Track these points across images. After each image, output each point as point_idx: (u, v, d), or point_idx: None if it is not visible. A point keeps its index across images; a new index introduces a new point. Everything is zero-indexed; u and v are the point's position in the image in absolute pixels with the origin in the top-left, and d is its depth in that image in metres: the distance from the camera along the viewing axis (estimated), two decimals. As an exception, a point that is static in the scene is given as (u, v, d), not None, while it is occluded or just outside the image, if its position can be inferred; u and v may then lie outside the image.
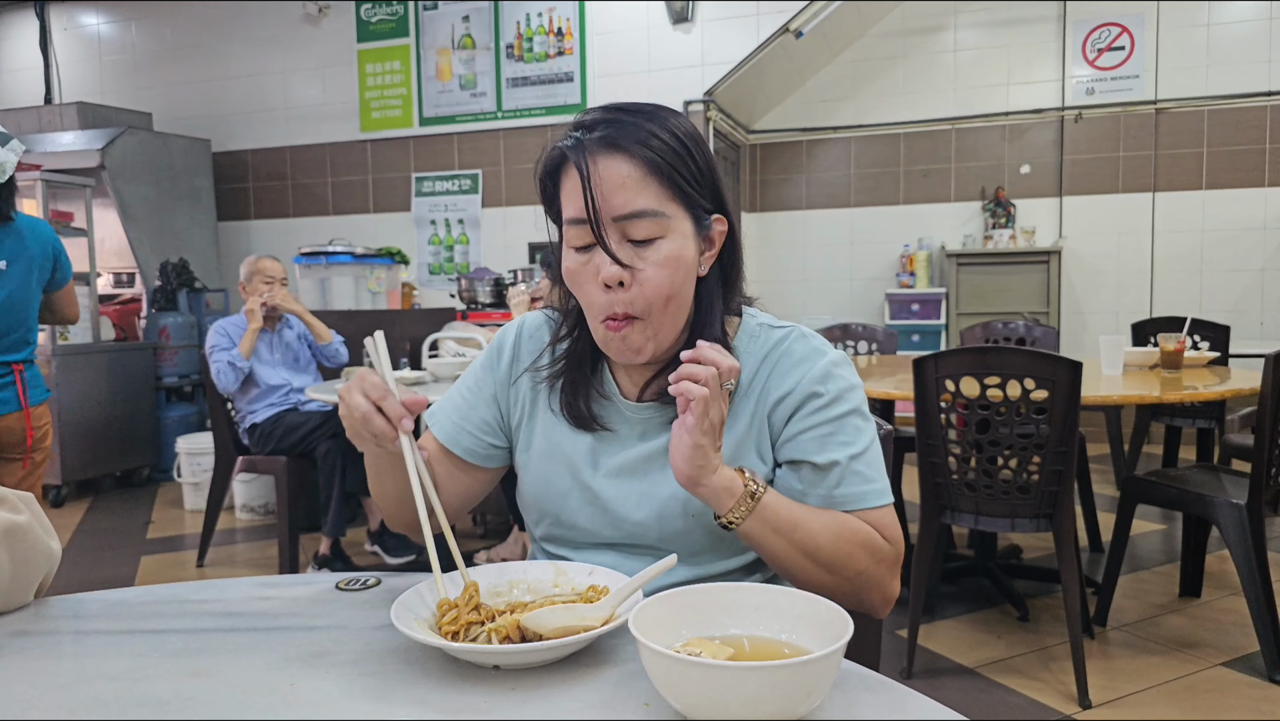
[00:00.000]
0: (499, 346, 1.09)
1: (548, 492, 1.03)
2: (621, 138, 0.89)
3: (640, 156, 0.89)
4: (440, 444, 1.07)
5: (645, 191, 0.89)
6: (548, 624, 0.76)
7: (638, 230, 0.90)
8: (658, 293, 0.91)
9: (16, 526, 0.88)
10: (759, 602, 0.74)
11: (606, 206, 0.89)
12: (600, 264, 0.90)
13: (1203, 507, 2.38)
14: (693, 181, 0.92)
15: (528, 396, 1.06)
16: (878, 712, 0.67)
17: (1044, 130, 5.57)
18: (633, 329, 0.92)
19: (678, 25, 5.25)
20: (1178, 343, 2.86)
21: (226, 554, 3.68)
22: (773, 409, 0.97)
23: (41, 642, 0.83)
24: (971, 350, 2.26)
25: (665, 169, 0.89)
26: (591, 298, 0.93)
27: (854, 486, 0.94)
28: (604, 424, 1.01)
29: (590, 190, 0.88)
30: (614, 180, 0.89)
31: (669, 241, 0.91)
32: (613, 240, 0.90)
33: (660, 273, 0.90)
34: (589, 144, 0.90)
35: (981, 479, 2.27)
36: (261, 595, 0.95)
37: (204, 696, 0.71)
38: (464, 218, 5.80)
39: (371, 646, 0.80)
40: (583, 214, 0.89)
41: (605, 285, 0.90)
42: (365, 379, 0.88)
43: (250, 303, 3.44)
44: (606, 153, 0.89)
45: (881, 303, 5.76)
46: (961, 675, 2.36)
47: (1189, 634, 2.57)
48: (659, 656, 0.63)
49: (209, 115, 6.20)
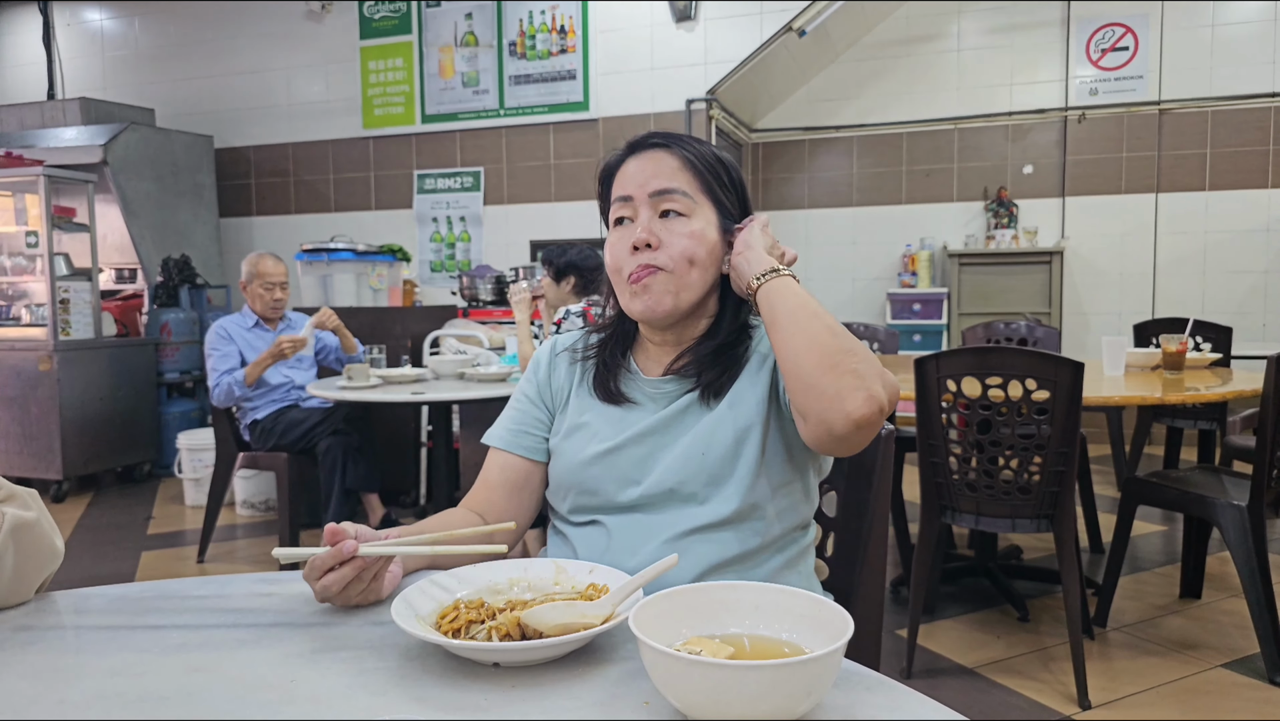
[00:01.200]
0: (538, 359, 1.22)
1: (574, 463, 1.10)
2: (668, 141, 1.08)
3: (679, 153, 1.07)
4: (500, 465, 1.15)
5: (680, 176, 1.06)
6: (548, 620, 0.76)
7: (668, 204, 1.05)
8: (681, 253, 1.04)
9: (25, 522, 0.88)
10: (759, 602, 0.75)
11: (647, 184, 1.06)
12: (634, 230, 1.05)
13: (1204, 509, 2.38)
14: (723, 187, 1.08)
15: (565, 383, 1.17)
16: (878, 712, 0.67)
17: (1047, 130, 5.56)
18: (656, 278, 1.04)
19: (680, 23, 5.24)
20: (1180, 344, 2.85)
21: (227, 550, 3.68)
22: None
23: (43, 637, 0.83)
24: (973, 350, 2.26)
25: (700, 167, 1.07)
26: (622, 263, 1.06)
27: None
28: (628, 396, 1.11)
29: (634, 173, 1.07)
30: (655, 166, 1.06)
31: (694, 220, 1.05)
32: (646, 212, 1.05)
33: (683, 239, 1.04)
34: (641, 144, 1.10)
35: (982, 479, 2.27)
36: (262, 591, 0.95)
37: (205, 692, 0.71)
38: (466, 215, 5.80)
39: (372, 643, 0.80)
40: (625, 190, 1.07)
41: (634, 247, 1.04)
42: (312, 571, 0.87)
43: (283, 346, 3.35)
44: (654, 149, 1.09)
45: (883, 302, 5.75)
46: (961, 675, 2.35)
47: (1189, 635, 2.57)
48: (659, 655, 0.63)
49: (212, 111, 6.20)
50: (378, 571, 0.88)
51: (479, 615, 0.80)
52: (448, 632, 0.78)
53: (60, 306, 4.55)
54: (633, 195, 1.06)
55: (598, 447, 1.09)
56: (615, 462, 1.07)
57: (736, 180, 1.10)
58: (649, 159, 1.07)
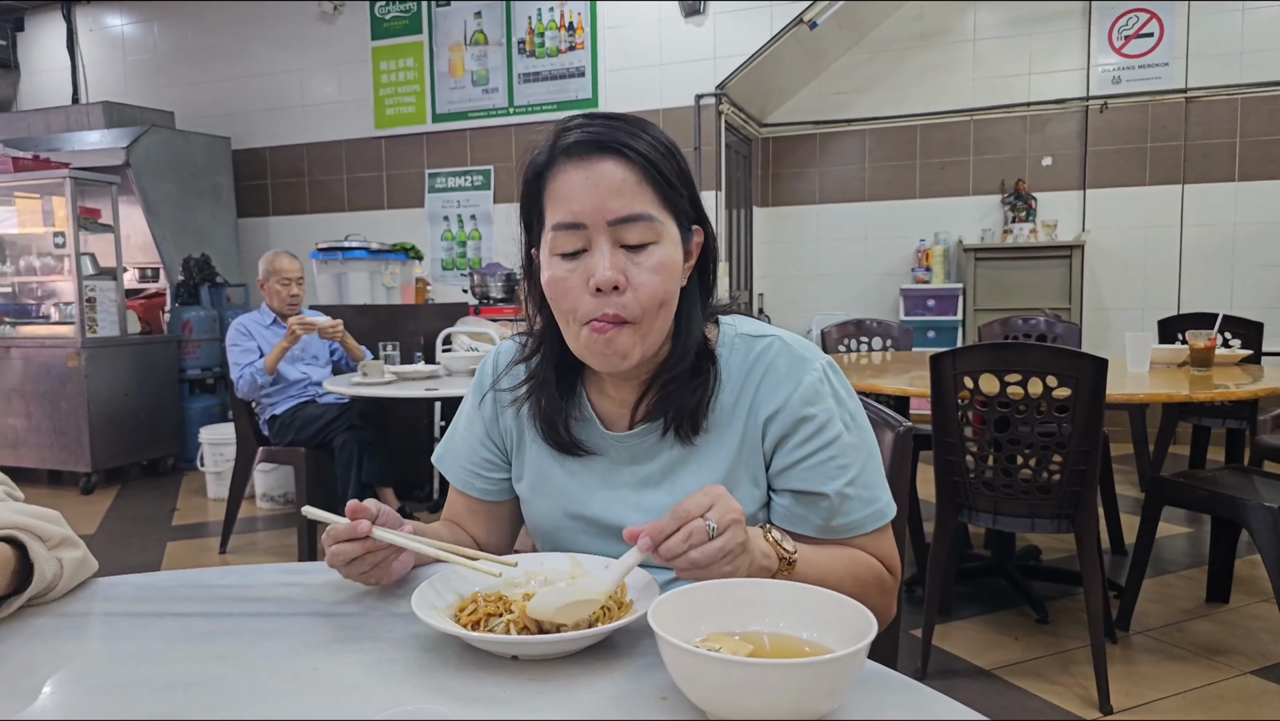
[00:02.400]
0: (479, 382, 1.08)
1: (544, 527, 1.03)
2: (614, 141, 0.87)
3: (635, 160, 0.87)
4: (464, 501, 1.09)
5: (642, 195, 0.87)
6: (551, 605, 0.76)
7: (632, 234, 0.87)
8: (652, 298, 0.88)
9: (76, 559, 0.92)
10: (780, 599, 0.74)
11: (603, 210, 0.86)
12: (594, 268, 0.86)
13: (1234, 510, 2.30)
14: (676, 189, 0.90)
15: (513, 427, 1.05)
16: (901, 713, 0.66)
17: (1067, 121, 5.45)
18: (621, 332, 0.88)
19: (689, 18, 5.19)
20: (1208, 339, 2.77)
21: (248, 541, 3.76)
22: (763, 427, 0.95)
23: (73, 624, 0.86)
24: (991, 346, 2.20)
25: (657, 175, 0.88)
26: (577, 304, 0.89)
27: (853, 514, 0.93)
28: (589, 449, 0.99)
29: (586, 192, 0.86)
30: (611, 183, 0.86)
31: (661, 247, 0.88)
32: (605, 244, 0.87)
33: (654, 278, 0.87)
34: (582, 147, 0.87)
35: (1000, 478, 2.21)
36: (284, 581, 0.97)
37: (230, 678, 0.73)
38: (476, 213, 5.82)
39: (392, 633, 0.81)
40: (576, 218, 0.86)
41: (598, 289, 0.86)
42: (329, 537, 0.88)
43: (293, 325, 3.43)
44: (601, 155, 0.87)
45: (896, 298, 5.66)
46: (977, 677, 2.30)
47: (1217, 640, 2.49)
48: (678, 650, 0.62)
49: (229, 113, 6.29)
50: (385, 558, 0.88)
51: (497, 608, 0.81)
52: (466, 625, 0.79)
53: (87, 305, 4.67)
54: (586, 224, 0.86)
55: (562, 515, 1.01)
56: (587, 526, 1.00)
57: (684, 172, 0.92)
58: (597, 170, 0.86)
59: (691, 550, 0.75)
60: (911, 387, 2.40)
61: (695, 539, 0.75)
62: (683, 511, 0.76)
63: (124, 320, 4.89)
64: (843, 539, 0.94)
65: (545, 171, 0.90)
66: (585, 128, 0.89)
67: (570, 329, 0.91)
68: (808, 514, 0.93)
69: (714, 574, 0.76)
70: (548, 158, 0.90)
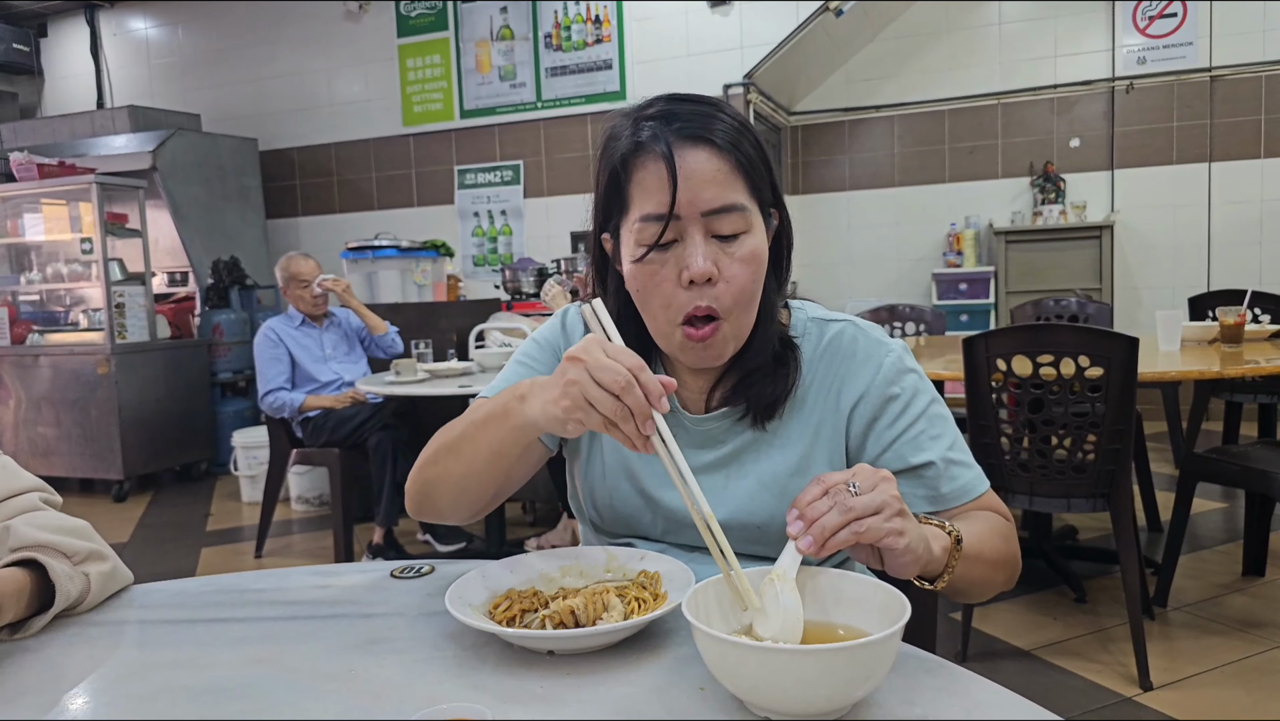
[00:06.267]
0: (548, 338, 1.03)
1: (608, 503, 1.01)
2: (703, 129, 0.85)
3: (726, 149, 0.85)
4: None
5: (734, 185, 0.86)
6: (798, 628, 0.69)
7: (725, 225, 0.86)
8: (743, 290, 0.87)
9: (104, 572, 0.91)
10: (813, 586, 0.73)
11: (697, 200, 0.84)
12: (687, 260, 0.85)
13: (1268, 485, 2.32)
14: (763, 176, 0.89)
15: None
16: (938, 696, 0.65)
17: (1094, 102, 5.41)
18: (716, 337, 0.88)
19: (716, 8, 5.21)
20: (1238, 316, 2.78)
21: (283, 544, 3.76)
22: (849, 413, 0.95)
23: (109, 632, 0.85)
24: (1023, 328, 2.23)
25: (745, 163, 0.87)
26: (669, 298, 0.87)
27: (958, 479, 0.94)
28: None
29: (678, 183, 0.84)
30: (705, 173, 0.85)
31: (751, 237, 0.87)
32: (699, 235, 0.85)
33: (746, 269, 0.87)
34: (671, 134, 0.85)
35: (1035, 459, 2.24)
36: (319, 584, 0.96)
37: (266, 682, 0.72)
38: (506, 209, 5.84)
39: (428, 632, 0.81)
40: (668, 209, 0.84)
41: (690, 282, 0.85)
42: (605, 345, 0.77)
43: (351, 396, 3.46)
44: (693, 144, 0.85)
45: (928, 283, 5.67)
46: (1018, 658, 2.33)
47: (1254, 613, 2.51)
48: (714, 640, 0.62)
49: (255, 115, 6.29)
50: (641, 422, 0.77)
51: (532, 604, 0.81)
52: (501, 621, 0.79)
53: (116, 310, 4.65)
54: (680, 215, 0.85)
55: (639, 500, 0.99)
56: (659, 506, 0.98)
57: (763, 154, 0.90)
58: (693, 159, 0.84)
59: (836, 508, 0.70)
60: (945, 371, 2.42)
61: (838, 497, 0.71)
62: (822, 479, 0.74)
63: (153, 325, 4.86)
64: (955, 507, 0.93)
65: (630, 159, 0.88)
66: (669, 116, 0.86)
67: (659, 324, 0.90)
68: (915, 489, 0.92)
69: (880, 532, 0.70)
70: (631, 146, 0.88)
